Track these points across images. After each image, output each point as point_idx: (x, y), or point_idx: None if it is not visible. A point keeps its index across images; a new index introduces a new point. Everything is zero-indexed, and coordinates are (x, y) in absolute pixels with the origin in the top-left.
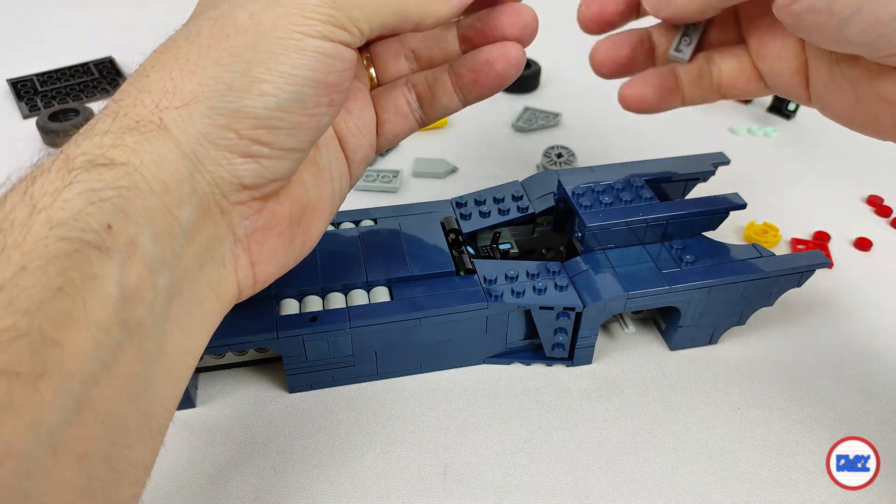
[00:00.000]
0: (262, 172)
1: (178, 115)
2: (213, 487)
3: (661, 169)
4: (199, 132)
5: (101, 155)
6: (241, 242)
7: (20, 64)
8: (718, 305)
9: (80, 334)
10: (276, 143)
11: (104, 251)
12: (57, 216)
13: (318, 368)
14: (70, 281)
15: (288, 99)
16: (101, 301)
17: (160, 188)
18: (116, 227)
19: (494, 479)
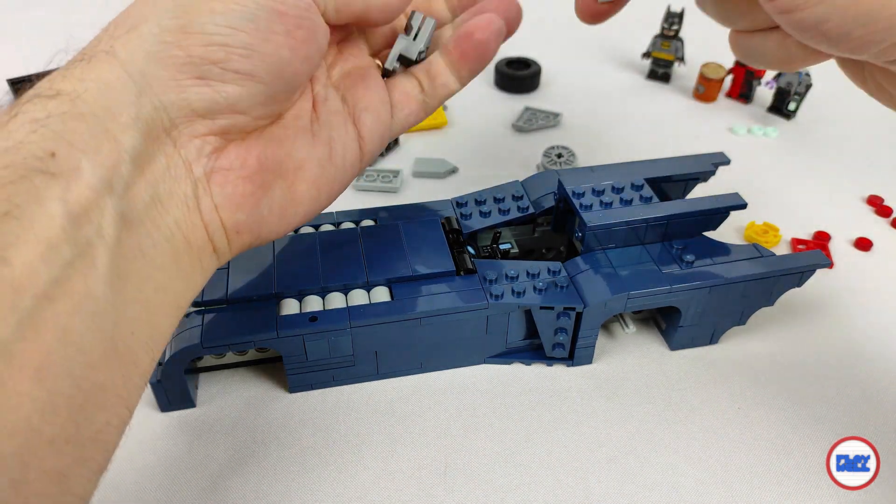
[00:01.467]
0: (215, 97)
1: (129, 38)
2: (213, 487)
3: (661, 169)
4: (147, 52)
5: (47, 87)
6: (202, 182)
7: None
8: (719, 305)
9: (27, 251)
10: (227, 63)
11: (49, 176)
12: (1, 146)
13: (318, 368)
14: (17, 205)
15: (237, 17)
16: (47, 220)
17: (103, 113)
18: (60, 153)
19: (494, 479)
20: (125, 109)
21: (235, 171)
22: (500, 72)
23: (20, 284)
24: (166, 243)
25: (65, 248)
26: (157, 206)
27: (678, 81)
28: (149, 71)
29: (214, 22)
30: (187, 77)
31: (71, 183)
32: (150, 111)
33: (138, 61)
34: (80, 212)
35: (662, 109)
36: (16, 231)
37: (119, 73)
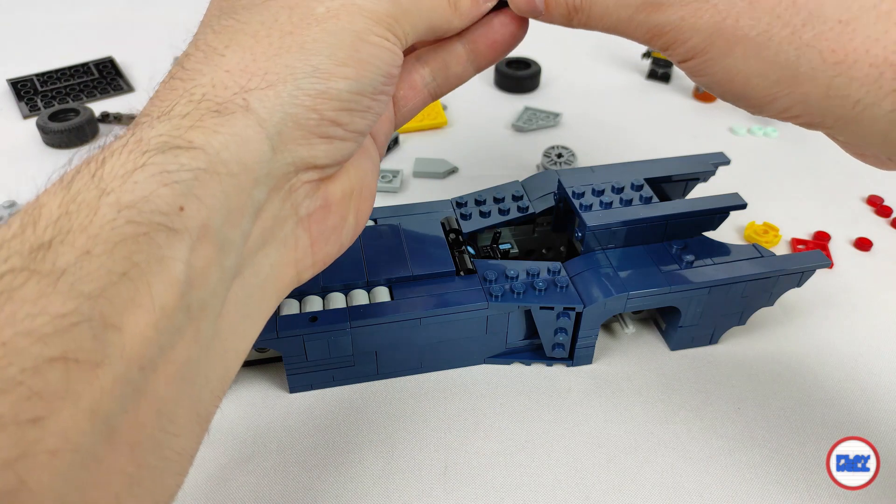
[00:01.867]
0: (334, 153)
1: (265, 95)
2: (213, 487)
3: (661, 169)
4: (286, 112)
5: (178, 136)
6: (303, 222)
7: (20, 64)
8: (718, 305)
9: (142, 319)
10: (350, 125)
11: (174, 233)
12: (126, 199)
13: (318, 368)
14: (136, 265)
15: (366, 84)
16: (167, 284)
17: (238, 169)
18: (189, 209)
19: (494, 479)
20: (260, 166)
21: (331, 206)
22: (500, 72)
23: (130, 355)
24: (258, 290)
25: (178, 315)
26: (259, 252)
27: (678, 81)
28: (284, 131)
29: (348, 89)
30: (316, 136)
31: (197, 242)
32: (282, 166)
33: (276, 120)
34: (200, 273)
35: (662, 109)
36: (132, 295)
37: (257, 131)
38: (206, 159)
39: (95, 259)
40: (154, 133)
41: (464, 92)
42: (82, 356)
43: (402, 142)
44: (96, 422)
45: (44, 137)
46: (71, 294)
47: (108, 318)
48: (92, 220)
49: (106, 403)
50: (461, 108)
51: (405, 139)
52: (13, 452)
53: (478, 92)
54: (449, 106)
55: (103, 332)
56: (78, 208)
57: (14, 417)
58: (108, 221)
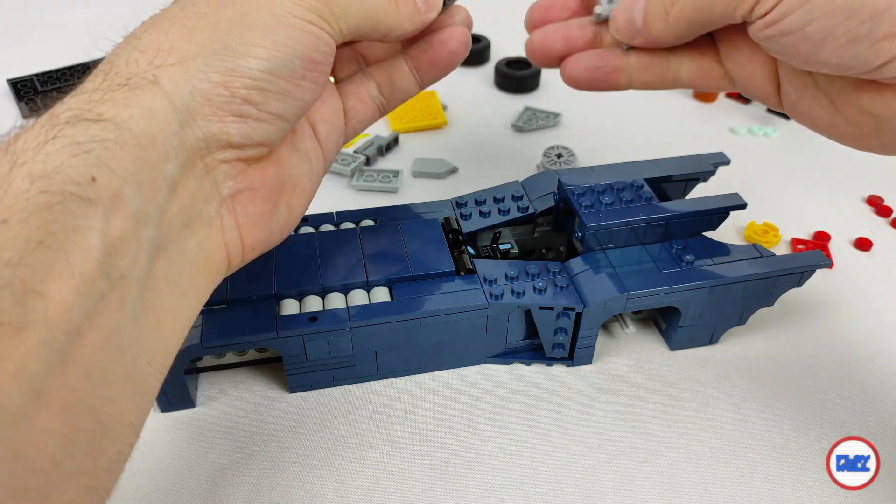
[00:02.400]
0: (250, 133)
1: (174, 70)
2: (213, 487)
3: (661, 169)
4: (194, 87)
5: (87, 110)
6: (226, 203)
7: (20, 64)
8: (718, 305)
9: (63, 285)
10: (265, 105)
11: (88, 203)
12: (38, 169)
13: (318, 368)
14: (52, 233)
15: (279, 65)
16: (84, 252)
17: (147, 141)
18: (101, 179)
19: (494, 479)
20: (168, 139)
21: (256, 190)
22: (500, 72)
23: (53, 319)
24: (189, 267)
25: (99, 282)
26: (184, 230)
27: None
28: (193, 105)
29: (259, 68)
30: (228, 114)
31: (111, 212)
32: (192, 141)
33: (184, 94)
34: (117, 242)
35: (662, 109)
36: (51, 262)
37: (164, 103)
38: (115, 130)
39: (12, 228)
40: (64, 108)
41: (464, 92)
42: (4, 319)
43: (402, 142)
44: (23, 382)
45: None
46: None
47: (29, 283)
48: (6, 191)
49: (31, 365)
50: (461, 108)
51: (405, 139)
52: None
53: (478, 92)
54: (449, 106)
55: (24, 298)
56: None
57: None
58: (23, 192)
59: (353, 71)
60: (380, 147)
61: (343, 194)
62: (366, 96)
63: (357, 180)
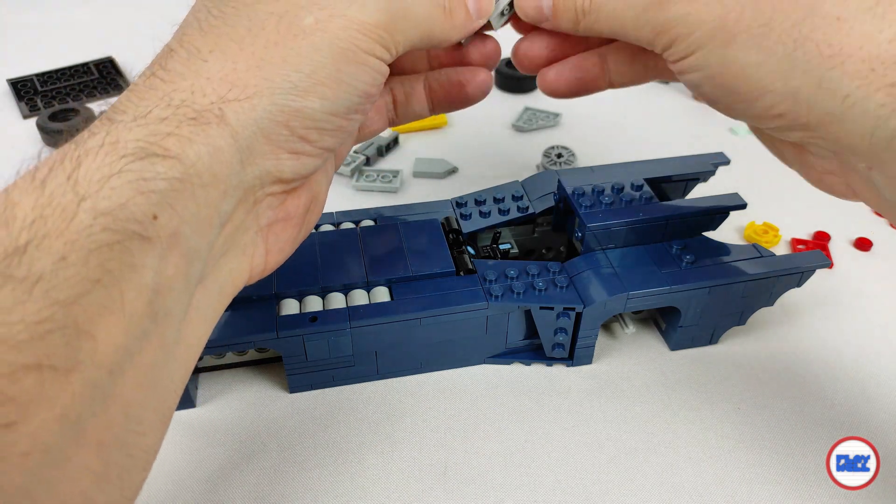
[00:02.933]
0: (300, 169)
1: (241, 107)
2: (213, 487)
3: (661, 169)
4: (258, 126)
5: (155, 143)
6: (262, 231)
7: (20, 64)
8: (718, 305)
9: (113, 327)
10: (320, 142)
11: (147, 241)
12: (102, 205)
13: (318, 368)
14: (109, 272)
15: (340, 104)
16: (137, 292)
17: (210, 180)
18: (162, 218)
19: (494, 479)
20: (230, 178)
21: (291, 219)
22: (500, 72)
23: (101, 361)
24: (217, 294)
25: (146, 322)
26: (221, 259)
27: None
28: (255, 144)
29: (322, 109)
30: (284, 151)
31: (167, 250)
32: (250, 179)
33: (248, 133)
34: (167, 282)
35: (662, 109)
36: (105, 302)
37: (229, 142)
38: (181, 169)
39: (71, 266)
40: (132, 137)
41: None
42: (56, 363)
43: (402, 142)
44: (66, 425)
45: (44, 137)
46: (46, 301)
47: (82, 325)
48: (68, 225)
49: (76, 407)
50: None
51: (405, 139)
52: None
53: None
54: None
55: (76, 340)
56: (53, 212)
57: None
58: (85, 228)
59: None
60: (380, 147)
61: (343, 194)
62: (382, 109)
63: (357, 180)
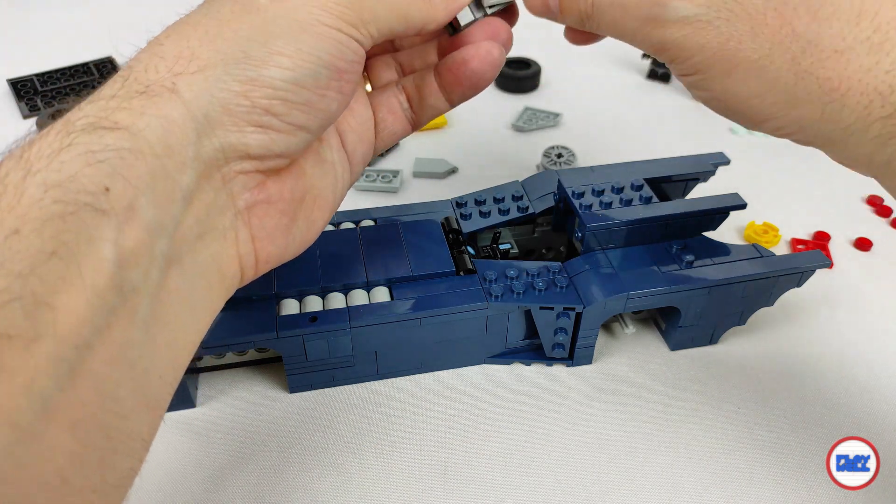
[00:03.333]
0: (270, 144)
1: (193, 79)
2: (213, 487)
3: (661, 169)
4: (213, 96)
5: (104, 118)
6: (242, 215)
7: (20, 64)
8: (718, 305)
9: (74, 298)
10: (287, 116)
11: (101, 213)
12: (52, 178)
13: (318, 368)
14: (64, 244)
15: (303, 74)
16: (96, 264)
17: (163, 151)
18: (115, 189)
19: (494, 479)
20: (185, 149)
21: (274, 203)
22: (501, 72)
23: (64, 334)
24: (201, 279)
25: (110, 295)
26: (198, 242)
27: (678, 81)
28: (212, 114)
29: (282, 77)
30: (248, 124)
31: (124, 223)
32: (210, 152)
33: (203, 104)
34: (130, 254)
35: (662, 109)
36: (63, 274)
37: (182, 112)
38: (130, 139)
39: (24, 238)
40: (81, 114)
41: None
42: (14, 332)
43: (402, 142)
44: (32, 397)
45: None
46: (1, 273)
47: (40, 295)
48: (20, 199)
49: (41, 380)
50: (461, 109)
51: (405, 139)
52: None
53: None
54: None
55: (35, 310)
56: (4, 189)
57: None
58: (36, 201)
59: (391, 80)
60: None
61: None
62: (397, 108)
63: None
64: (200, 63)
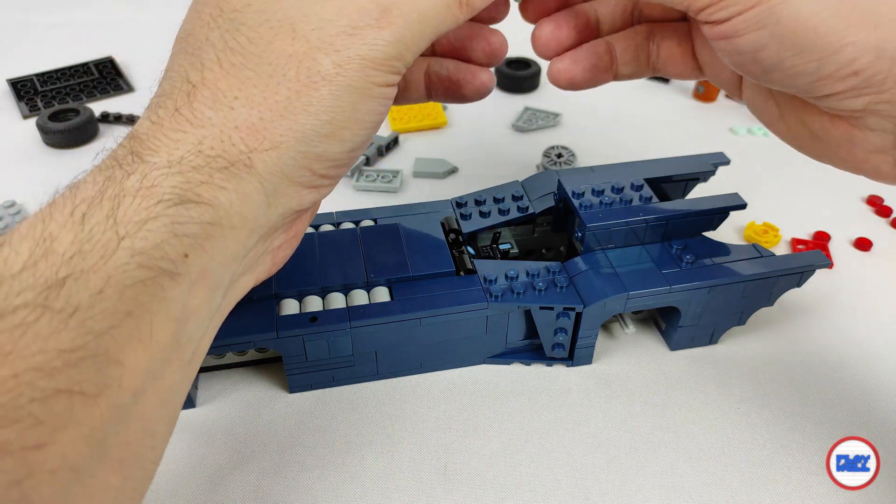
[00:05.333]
0: (318, 198)
1: (268, 156)
2: (213, 487)
3: (661, 169)
4: (284, 173)
5: (189, 190)
6: (272, 252)
7: (20, 64)
8: (718, 305)
9: (140, 354)
10: (338, 175)
11: (176, 277)
12: (139, 245)
13: (318, 368)
14: (140, 305)
15: (359, 141)
16: (165, 322)
17: (239, 223)
18: (192, 257)
19: (494, 479)
20: (258, 219)
21: (298, 236)
22: (500, 72)
23: (127, 385)
24: (227, 309)
25: (170, 349)
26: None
27: (678, 81)
28: (280, 187)
29: (343, 150)
30: (307, 189)
31: (195, 286)
32: (275, 218)
33: (274, 179)
34: (193, 312)
35: (662, 109)
36: (135, 332)
37: (257, 188)
38: (212, 214)
39: (107, 300)
40: (168, 184)
41: None
42: (86, 388)
43: (402, 142)
44: (93, 445)
45: (44, 137)
46: (81, 331)
47: (112, 353)
48: (107, 262)
49: (102, 428)
50: (461, 108)
51: (405, 139)
52: (20, 473)
53: None
54: (449, 106)
55: (106, 367)
56: (93, 248)
57: (21, 444)
58: (122, 265)
59: None
60: (380, 147)
61: (343, 194)
62: None
63: (357, 180)
64: (275, 141)
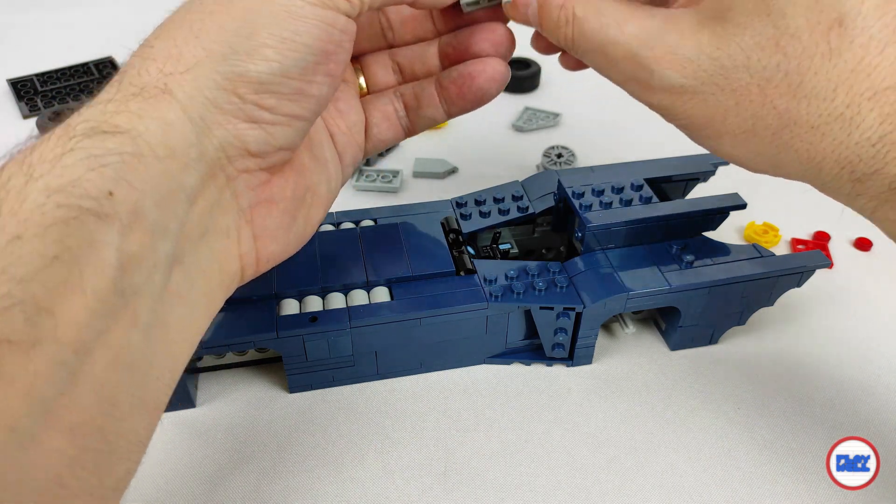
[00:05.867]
0: (267, 139)
1: (183, 79)
2: (213, 487)
3: (661, 169)
4: (205, 96)
5: (103, 122)
6: (245, 214)
7: (20, 64)
8: (718, 305)
9: (75, 303)
10: (279, 108)
11: (104, 218)
12: (55, 183)
13: (318, 368)
14: (67, 248)
15: (290, 65)
16: (98, 269)
17: (165, 153)
18: (118, 193)
19: (494, 479)
20: (188, 150)
21: (276, 203)
22: None
23: (64, 338)
24: (202, 278)
25: (112, 299)
26: (200, 241)
27: None
28: (207, 114)
29: (269, 70)
30: (241, 120)
31: (128, 227)
32: (212, 152)
33: (197, 105)
34: (133, 259)
35: None
36: (64, 278)
37: (178, 114)
38: (132, 143)
39: (26, 243)
40: (80, 119)
41: None
42: (15, 338)
43: (402, 142)
44: (32, 403)
45: None
46: (2, 278)
47: (41, 301)
48: (22, 204)
49: (41, 385)
50: None
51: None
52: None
53: None
54: None
55: (36, 315)
56: (7, 194)
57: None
58: (38, 206)
59: (388, 83)
60: None
61: (343, 194)
62: (392, 114)
63: (357, 180)
64: (188, 62)
